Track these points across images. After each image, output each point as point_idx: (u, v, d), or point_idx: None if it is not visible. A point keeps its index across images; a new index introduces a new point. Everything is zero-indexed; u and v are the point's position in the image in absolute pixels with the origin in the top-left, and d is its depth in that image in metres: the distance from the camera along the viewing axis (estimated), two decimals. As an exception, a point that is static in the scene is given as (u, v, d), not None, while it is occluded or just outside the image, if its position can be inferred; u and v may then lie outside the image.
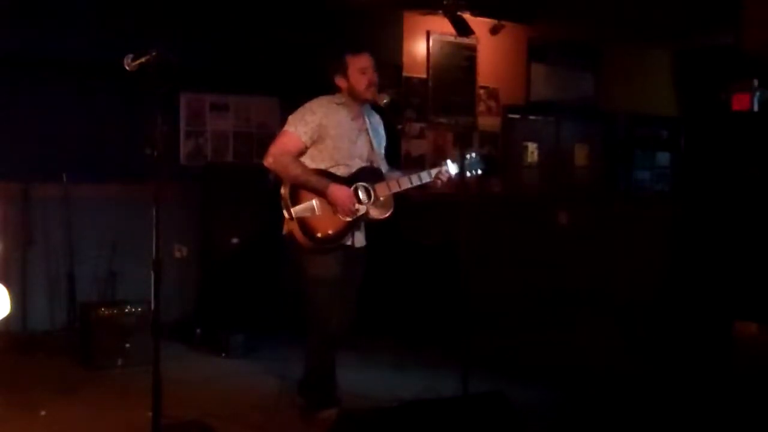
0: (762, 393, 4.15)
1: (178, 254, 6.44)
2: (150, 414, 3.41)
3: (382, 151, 4.36)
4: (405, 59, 7.53)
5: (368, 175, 4.17)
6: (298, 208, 3.99)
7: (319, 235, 4.01)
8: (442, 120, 7.73)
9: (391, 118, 6.67)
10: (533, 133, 8.66)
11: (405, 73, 7.54)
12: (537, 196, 7.98)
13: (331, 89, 4.22)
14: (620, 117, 9.26)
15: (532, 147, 8.61)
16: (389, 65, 7.30)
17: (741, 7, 4.92)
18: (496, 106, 8.20)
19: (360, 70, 4.12)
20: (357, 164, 4.16)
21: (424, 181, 4.25)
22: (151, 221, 3.35)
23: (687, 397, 4.42)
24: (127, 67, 3.43)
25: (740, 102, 4.46)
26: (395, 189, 4.17)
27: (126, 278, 6.04)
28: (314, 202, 4.01)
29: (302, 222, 3.99)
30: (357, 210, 4.07)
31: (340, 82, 4.16)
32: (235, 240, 6.18)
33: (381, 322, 6.21)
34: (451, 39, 7.65)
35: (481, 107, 8.08)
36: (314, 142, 4.07)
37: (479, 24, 7.56)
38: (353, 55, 4.14)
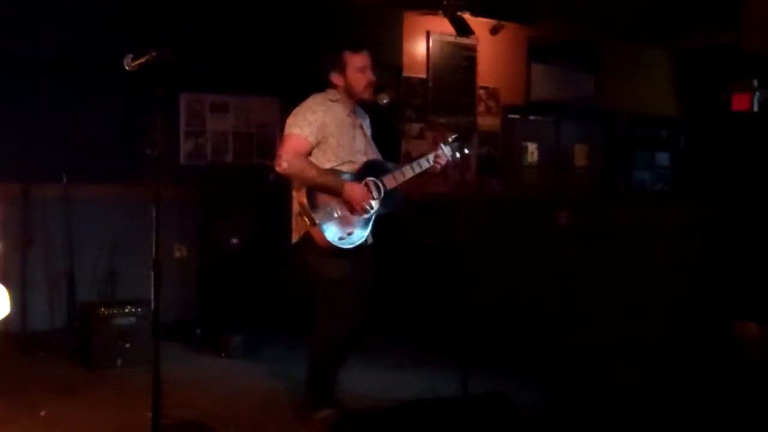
0: (764, 393, 4.15)
1: (178, 254, 6.45)
2: (150, 414, 3.41)
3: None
4: (405, 59, 7.53)
5: (374, 169, 4.13)
6: (318, 213, 3.92)
7: (342, 236, 3.97)
8: (442, 120, 7.73)
9: (390, 118, 6.67)
10: (533, 133, 8.66)
11: (405, 73, 7.54)
12: (537, 196, 7.98)
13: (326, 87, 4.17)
14: (620, 117, 9.27)
15: (532, 147, 8.61)
16: (389, 65, 7.30)
17: (741, 7, 4.92)
18: (496, 106, 8.20)
19: (359, 69, 4.06)
20: (360, 159, 4.13)
21: (424, 168, 4.22)
22: (151, 221, 3.35)
23: (688, 397, 4.42)
24: (127, 67, 3.43)
25: (740, 102, 4.46)
26: (401, 179, 4.14)
27: (126, 278, 6.04)
28: (332, 204, 3.96)
29: (324, 226, 3.93)
30: (372, 206, 4.05)
31: (336, 79, 4.09)
32: (235, 240, 6.18)
33: (381, 323, 6.21)
34: (451, 39, 7.65)
35: (481, 107, 8.08)
36: (318, 142, 4.01)
37: (479, 24, 7.56)
38: (352, 52, 4.07)
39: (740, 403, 4.19)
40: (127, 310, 5.33)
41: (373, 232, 4.19)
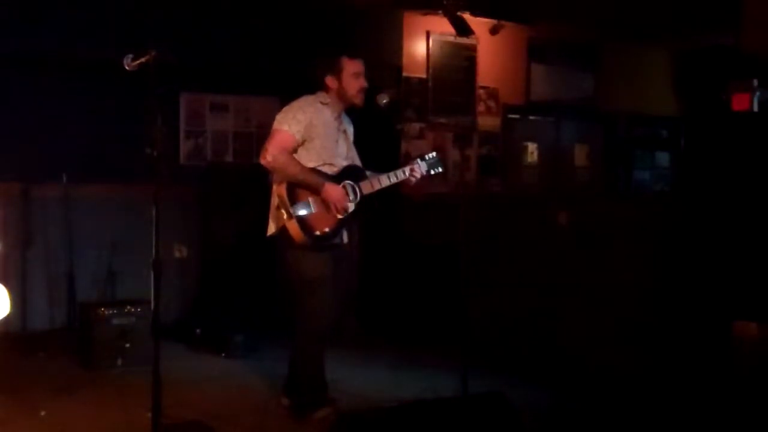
0: (762, 393, 4.15)
1: (178, 254, 6.45)
2: (150, 414, 3.41)
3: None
4: (405, 59, 7.52)
5: (353, 173, 4.26)
6: (296, 206, 4.03)
7: (317, 233, 4.07)
8: (442, 120, 7.72)
9: (390, 118, 6.67)
10: (533, 133, 8.65)
11: (405, 73, 7.53)
12: (537, 196, 7.98)
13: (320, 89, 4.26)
14: (620, 117, 9.26)
15: (532, 147, 8.61)
16: (389, 65, 7.30)
17: (741, 7, 4.92)
18: (496, 106, 8.19)
19: (354, 74, 4.21)
20: (340, 163, 4.25)
21: (400, 179, 4.37)
22: (151, 221, 3.35)
23: (687, 397, 4.42)
24: (127, 67, 3.44)
25: (740, 102, 4.45)
26: (377, 187, 4.28)
27: (126, 278, 6.05)
28: (310, 200, 4.07)
29: (300, 220, 4.04)
30: (348, 207, 4.15)
31: (330, 82, 4.22)
32: (235, 240, 6.18)
33: (381, 323, 6.21)
34: (451, 39, 7.64)
35: (481, 107, 8.07)
36: (304, 141, 4.13)
37: (479, 24, 7.56)
38: (349, 58, 4.22)
39: (739, 403, 4.19)
40: (127, 310, 5.33)
41: (349, 232, 4.27)
